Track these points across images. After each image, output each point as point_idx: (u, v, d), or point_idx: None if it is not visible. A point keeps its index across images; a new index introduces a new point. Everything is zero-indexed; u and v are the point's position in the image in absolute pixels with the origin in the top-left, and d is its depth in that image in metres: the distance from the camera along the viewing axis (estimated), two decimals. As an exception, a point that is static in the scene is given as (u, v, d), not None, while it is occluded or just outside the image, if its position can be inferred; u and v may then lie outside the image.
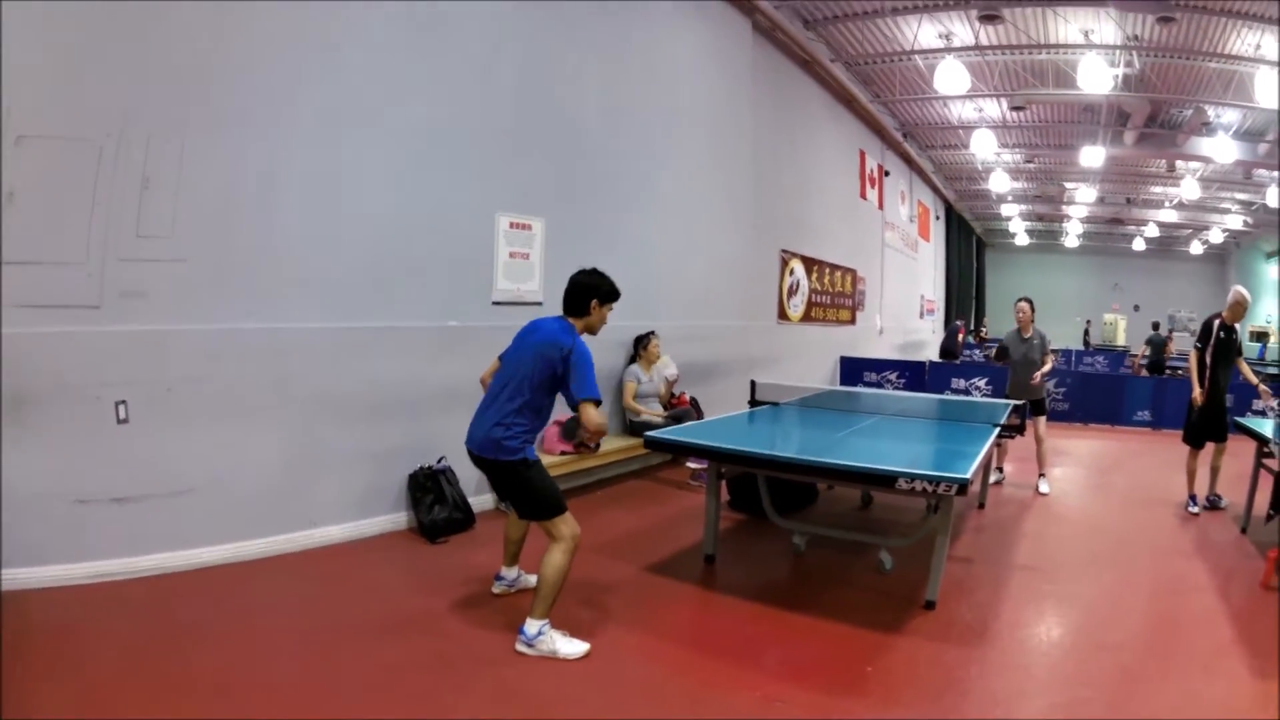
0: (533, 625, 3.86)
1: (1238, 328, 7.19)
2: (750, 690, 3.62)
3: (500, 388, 4.07)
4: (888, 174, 18.00)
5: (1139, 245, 30.12)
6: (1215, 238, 27.49)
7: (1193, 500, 7.27)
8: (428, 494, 5.79)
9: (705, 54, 9.46)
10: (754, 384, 7.60)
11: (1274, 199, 18.13)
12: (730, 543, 5.83)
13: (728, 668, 3.86)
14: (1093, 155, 15.94)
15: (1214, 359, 7.03)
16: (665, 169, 8.75)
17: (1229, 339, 7.06)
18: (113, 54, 4.52)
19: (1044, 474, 8.15)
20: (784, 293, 12.36)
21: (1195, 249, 29.90)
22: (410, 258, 5.92)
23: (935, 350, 20.50)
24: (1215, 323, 7.06)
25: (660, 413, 7.67)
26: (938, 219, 24.85)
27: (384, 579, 4.91)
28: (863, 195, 16.45)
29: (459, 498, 5.90)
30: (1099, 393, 13.80)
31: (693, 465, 7.79)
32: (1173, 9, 10.39)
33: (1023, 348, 8.06)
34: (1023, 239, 31.88)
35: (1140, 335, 22.78)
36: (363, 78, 5.58)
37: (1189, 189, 19.24)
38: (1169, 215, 25.06)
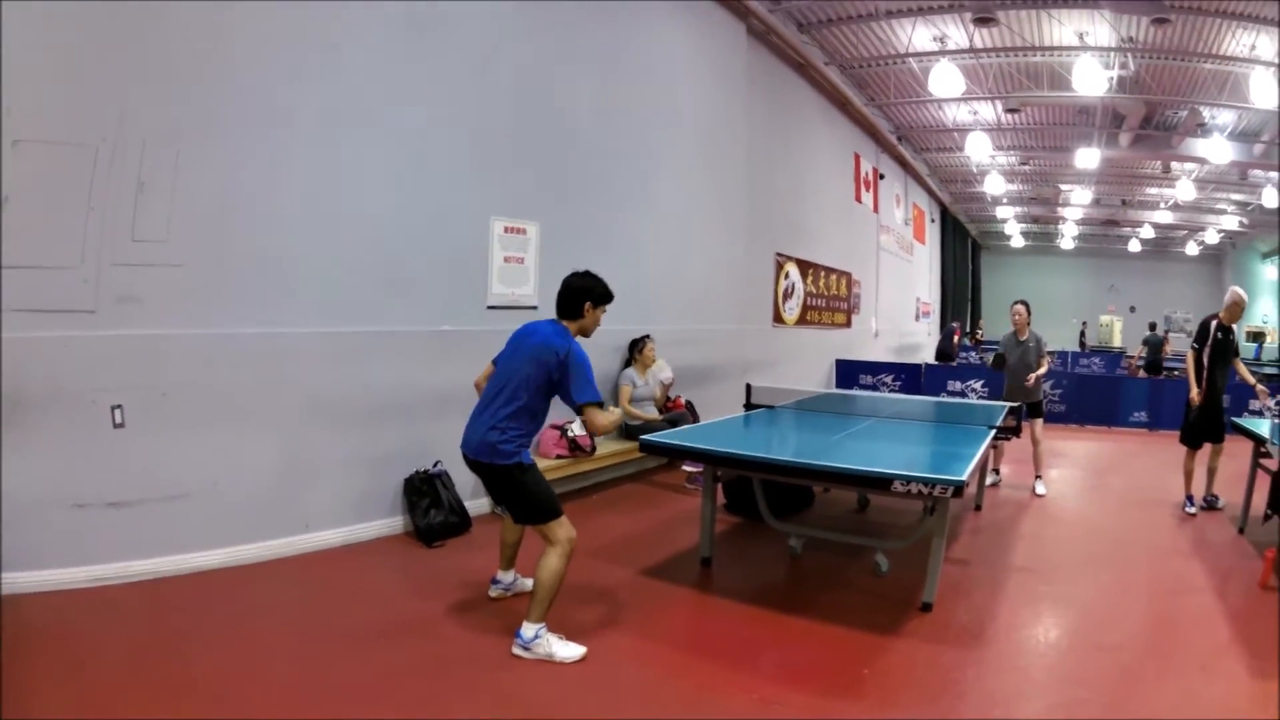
0: (529, 629, 3.85)
1: (1235, 328, 7.21)
2: (747, 693, 3.62)
3: (495, 392, 4.06)
4: (882, 177, 18.03)
5: (1134, 247, 30.18)
6: (1211, 238, 27.53)
7: (1190, 501, 7.28)
8: (423, 498, 5.79)
9: (700, 58, 9.47)
10: (749, 387, 7.59)
11: (1270, 199, 18.16)
12: (726, 546, 5.82)
13: (724, 671, 3.85)
14: (1088, 157, 15.94)
15: (1211, 359, 7.04)
16: (660, 173, 8.76)
17: (1226, 339, 7.07)
18: (108, 57, 4.52)
19: (1041, 475, 8.15)
20: (779, 296, 12.36)
21: (1191, 250, 29.95)
22: (405, 262, 5.92)
23: (931, 353, 20.52)
24: (1213, 323, 7.07)
25: (656, 416, 7.66)
26: (933, 222, 24.89)
27: (380, 583, 4.91)
28: (857, 198, 16.47)
29: (455, 501, 5.89)
30: (1095, 394, 13.82)
31: (688, 469, 7.78)
32: (1167, 10, 10.40)
33: (1019, 350, 8.06)
34: (1018, 241, 31.99)
35: (1136, 337, 22.85)
36: (357, 82, 5.58)
37: (1184, 190, 19.26)
38: (1164, 216, 25.09)
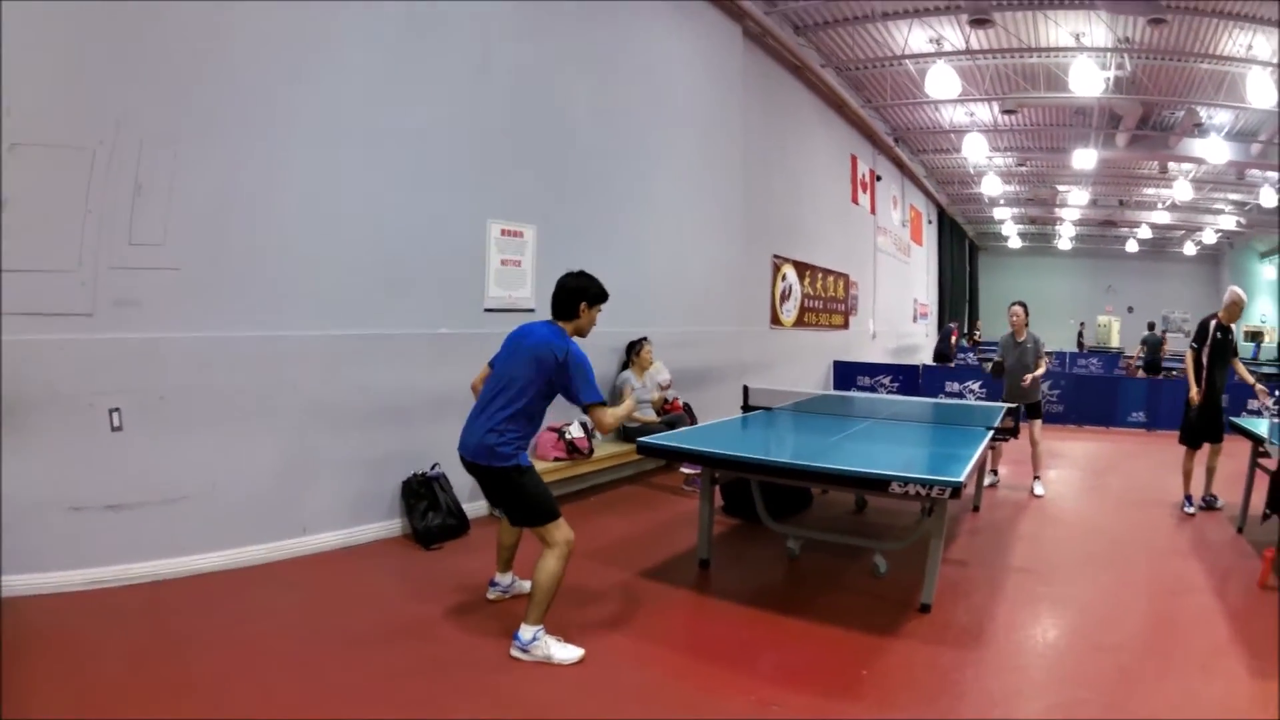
0: (527, 631, 3.85)
1: (1234, 328, 7.21)
2: (745, 694, 3.61)
3: (493, 394, 4.05)
4: (879, 178, 18.04)
5: (1132, 247, 30.19)
6: (1208, 238, 27.52)
7: (1188, 501, 7.28)
8: (421, 500, 5.79)
9: (696, 60, 9.48)
10: (747, 389, 7.59)
11: (1268, 199, 18.17)
12: (724, 547, 5.82)
13: (722, 672, 3.85)
14: (1085, 158, 15.96)
15: (1211, 359, 7.04)
16: (657, 175, 8.76)
17: (1225, 339, 7.07)
18: (105, 59, 4.52)
19: (1039, 476, 8.15)
20: (776, 298, 12.36)
21: (1189, 250, 29.97)
22: (402, 265, 5.91)
23: (929, 354, 20.52)
24: (1212, 323, 7.07)
25: (654, 419, 7.66)
26: (930, 223, 24.92)
27: (378, 586, 4.90)
28: (854, 200, 16.49)
29: (453, 504, 5.89)
30: (1093, 395, 13.83)
31: (686, 470, 7.78)
32: (1163, 10, 10.41)
33: (1016, 351, 8.07)
34: (1015, 242, 31.98)
35: (1134, 337, 22.86)
36: (355, 84, 5.58)
37: (1181, 190, 19.28)
38: (1162, 217, 25.11)
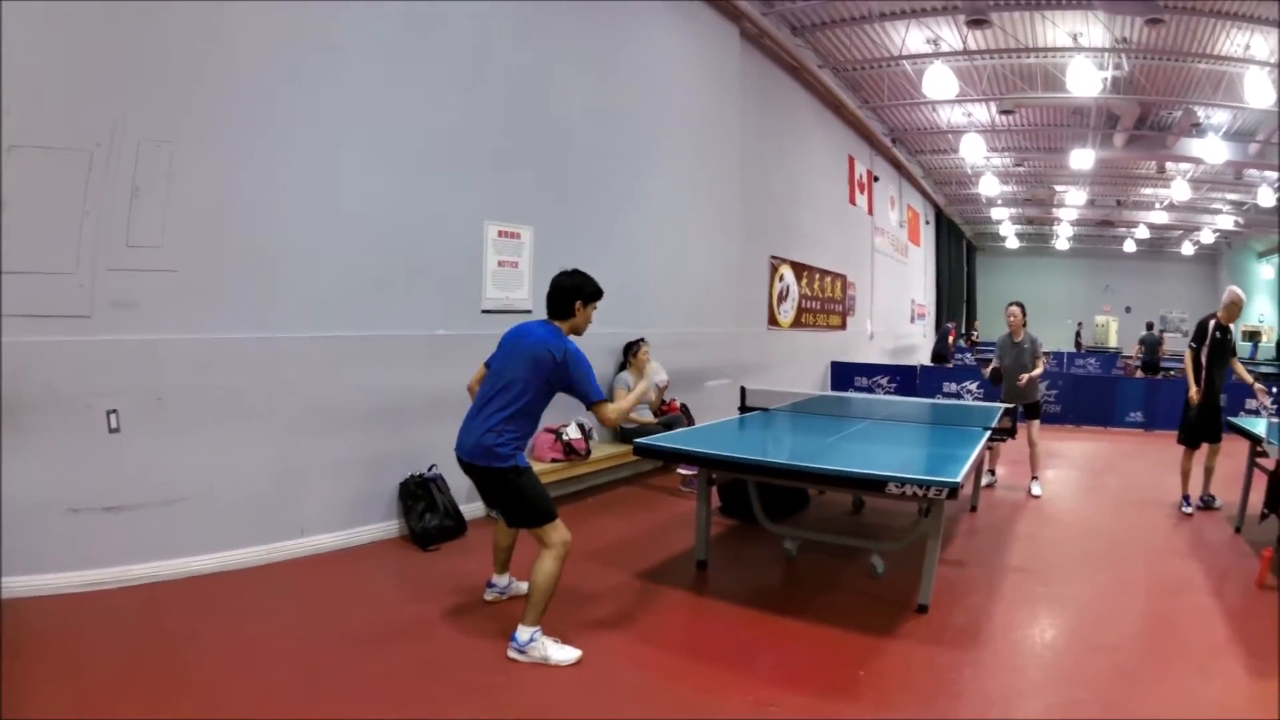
0: (524, 632, 3.85)
1: (1232, 327, 7.22)
2: (742, 695, 3.61)
3: (491, 394, 4.04)
4: (877, 179, 18.05)
5: (1130, 247, 30.21)
6: (1206, 238, 27.55)
7: (1186, 501, 7.29)
8: (419, 502, 5.78)
9: (693, 61, 9.48)
10: (744, 390, 7.59)
11: (1266, 198, 18.18)
12: (722, 548, 5.82)
13: (720, 673, 3.85)
14: (1082, 158, 15.96)
15: (1210, 359, 7.04)
16: (655, 176, 8.76)
17: (1224, 339, 7.07)
18: (102, 60, 4.52)
19: (1037, 476, 8.14)
20: (774, 299, 12.37)
21: (1186, 250, 30.00)
22: (400, 266, 5.91)
23: (926, 354, 20.53)
24: (1211, 323, 7.06)
25: (651, 419, 7.65)
26: (927, 223, 24.94)
27: (376, 587, 4.90)
28: (852, 201, 16.50)
29: (450, 505, 5.89)
30: (1091, 395, 13.82)
31: (683, 471, 7.78)
32: (1161, 10, 10.42)
33: (1014, 352, 8.07)
34: (1013, 242, 31.97)
35: (1132, 337, 22.84)
36: (352, 85, 5.58)
37: (1179, 190, 19.26)
38: (1159, 217, 25.12)
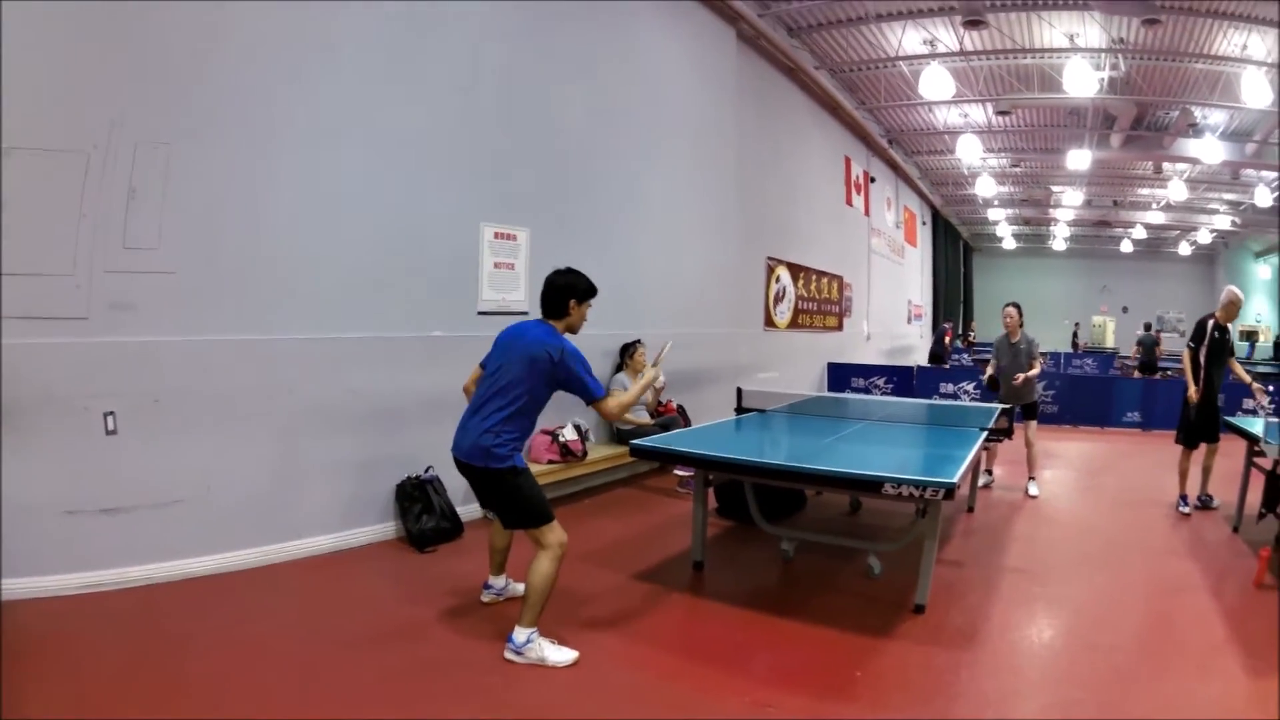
0: (521, 633, 3.84)
1: (1230, 327, 7.22)
2: (739, 696, 3.61)
3: (488, 395, 4.02)
4: (873, 180, 18.07)
5: (1127, 247, 30.20)
6: (1203, 238, 27.57)
7: (1184, 500, 7.29)
8: (415, 503, 5.77)
9: (690, 62, 9.49)
10: (740, 391, 7.58)
11: (1263, 198, 18.19)
12: (718, 549, 5.82)
13: (717, 674, 3.84)
14: (1079, 158, 15.98)
15: (1208, 359, 7.04)
16: (651, 177, 8.76)
17: (1223, 339, 7.08)
18: (99, 61, 4.52)
19: (1034, 477, 8.15)
20: (770, 300, 12.38)
21: (1183, 250, 30.03)
22: (396, 268, 5.91)
23: (923, 355, 20.55)
24: (1209, 323, 7.07)
25: (647, 421, 7.65)
26: (924, 224, 24.95)
27: (373, 588, 4.89)
28: (848, 202, 16.50)
29: (447, 507, 5.88)
30: (1088, 395, 13.84)
31: (680, 473, 7.78)
32: (1157, 11, 10.43)
33: (1010, 352, 8.06)
34: (1010, 243, 31.98)
35: (1129, 337, 22.85)
36: (348, 87, 5.57)
37: (1176, 190, 19.29)
38: (1156, 217, 25.14)
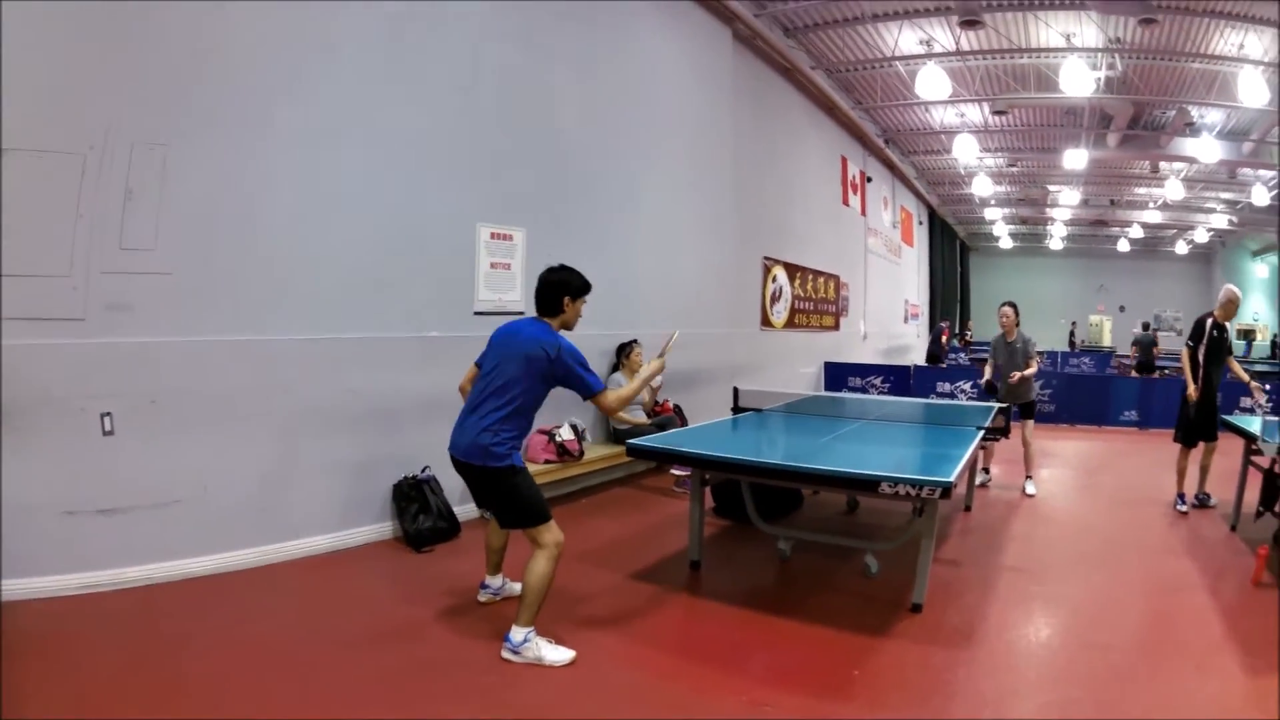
0: (518, 633, 3.84)
1: (1229, 326, 7.22)
2: (737, 695, 3.60)
3: (485, 394, 4.01)
4: (870, 180, 18.06)
5: (1123, 246, 30.25)
6: (1200, 237, 27.62)
7: (1181, 499, 7.28)
8: (412, 503, 5.77)
9: (685, 63, 9.48)
10: (736, 390, 7.57)
11: (1260, 197, 18.21)
12: (715, 549, 5.81)
13: (714, 673, 3.84)
14: (1076, 158, 16.01)
15: (1207, 357, 7.04)
16: (647, 177, 8.76)
17: (1221, 337, 7.09)
18: (95, 63, 4.51)
19: (1031, 476, 8.15)
20: (767, 299, 12.37)
21: (1180, 249, 30.09)
22: (392, 268, 5.90)
23: (920, 355, 20.54)
24: (1208, 321, 7.07)
25: (644, 420, 7.65)
26: (921, 224, 24.96)
27: (370, 588, 4.89)
28: (845, 202, 16.49)
29: (443, 507, 5.88)
30: (1085, 394, 13.86)
31: (677, 472, 7.78)
32: (1154, 10, 10.44)
33: (1007, 352, 8.06)
34: (1006, 242, 32.01)
35: (1126, 336, 22.84)
36: (344, 88, 5.57)
37: (1173, 189, 19.31)
38: (1153, 216, 25.17)
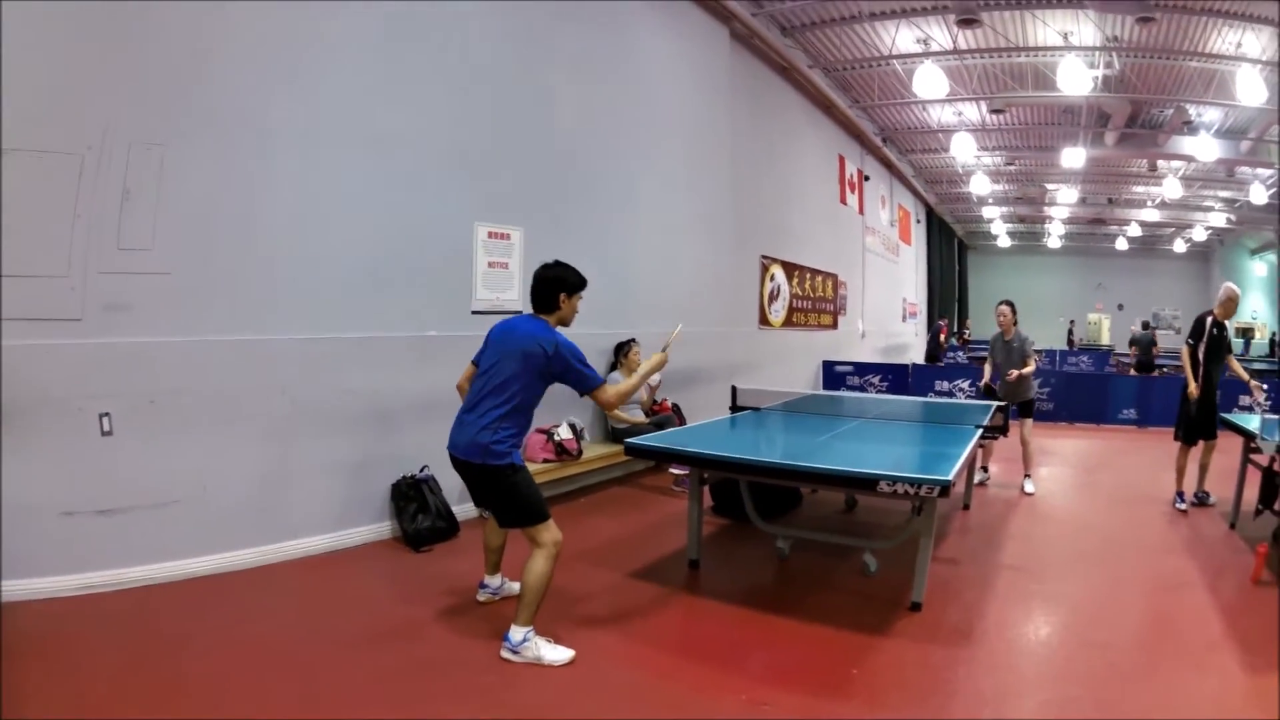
0: (517, 632, 3.83)
1: (1228, 324, 7.23)
2: (736, 694, 3.60)
3: (484, 392, 4.00)
4: (867, 179, 18.06)
5: (1122, 245, 30.28)
6: (1199, 235, 27.65)
7: (1180, 497, 7.28)
8: (411, 503, 5.77)
9: (683, 62, 9.48)
10: (734, 389, 7.58)
11: (1258, 196, 18.22)
12: (714, 548, 5.81)
13: (713, 672, 3.84)
14: (1073, 156, 16.01)
15: (1207, 355, 7.04)
16: (645, 176, 8.75)
17: (1221, 336, 7.08)
18: (93, 64, 4.51)
19: (1030, 474, 8.15)
20: (765, 298, 12.37)
21: (1179, 247, 30.10)
22: (390, 268, 5.90)
23: (918, 353, 20.56)
24: (1208, 319, 7.07)
25: (642, 419, 7.65)
26: (919, 222, 24.97)
27: (369, 588, 4.88)
28: (843, 200, 16.49)
29: (442, 506, 5.88)
30: (1084, 392, 13.87)
31: (675, 471, 7.77)
32: (1152, 9, 10.44)
33: (1005, 350, 8.06)
34: (1005, 241, 32.04)
35: (1124, 334, 22.82)
36: (342, 88, 5.57)
37: (1171, 188, 19.33)
38: (1151, 214, 25.20)
